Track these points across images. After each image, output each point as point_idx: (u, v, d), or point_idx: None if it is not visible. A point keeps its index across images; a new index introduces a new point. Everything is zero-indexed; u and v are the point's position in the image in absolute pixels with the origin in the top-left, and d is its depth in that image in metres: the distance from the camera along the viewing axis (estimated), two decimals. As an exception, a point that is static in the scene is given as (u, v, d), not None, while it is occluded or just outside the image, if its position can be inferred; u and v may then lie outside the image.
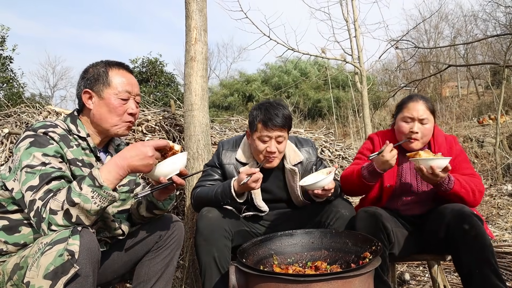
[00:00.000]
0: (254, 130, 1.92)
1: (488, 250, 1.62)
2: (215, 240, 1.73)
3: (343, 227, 1.85)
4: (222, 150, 2.06)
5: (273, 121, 1.85)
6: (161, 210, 1.64)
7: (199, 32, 2.51)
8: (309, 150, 2.11)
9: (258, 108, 1.93)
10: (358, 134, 9.11)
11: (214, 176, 2.03)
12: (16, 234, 1.35)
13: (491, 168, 6.35)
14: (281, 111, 1.89)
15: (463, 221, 1.66)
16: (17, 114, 3.23)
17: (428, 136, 1.96)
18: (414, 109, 1.93)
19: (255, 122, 1.91)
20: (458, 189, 1.79)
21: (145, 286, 1.60)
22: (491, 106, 12.43)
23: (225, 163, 2.02)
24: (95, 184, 1.21)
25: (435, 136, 2.02)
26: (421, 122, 1.92)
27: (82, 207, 1.19)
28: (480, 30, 17.24)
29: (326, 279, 1.26)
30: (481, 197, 1.87)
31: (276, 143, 1.89)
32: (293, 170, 2.00)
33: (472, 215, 1.66)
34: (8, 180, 1.35)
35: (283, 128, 1.89)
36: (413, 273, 2.85)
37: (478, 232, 1.63)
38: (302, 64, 17.77)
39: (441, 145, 2.00)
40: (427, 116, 1.93)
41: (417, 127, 1.92)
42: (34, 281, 1.09)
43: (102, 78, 1.50)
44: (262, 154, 1.91)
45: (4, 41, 9.91)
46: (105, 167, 1.28)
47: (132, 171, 1.31)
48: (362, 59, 5.76)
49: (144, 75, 12.78)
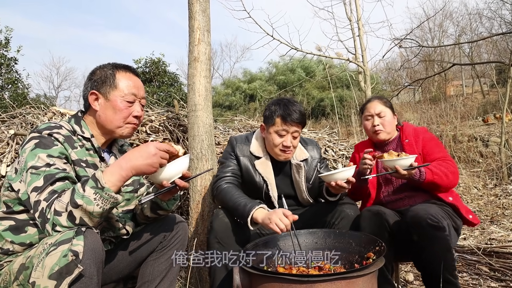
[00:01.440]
0: (272, 124, 2.00)
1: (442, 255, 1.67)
2: (230, 245, 1.76)
3: (348, 227, 1.86)
4: (236, 143, 2.12)
5: (291, 116, 1.95)
6: (165, 210, 1.65)
7: (202, 33, 2.51)
8: (314, 149, 2.21)
9: (277, 104, 2.01)
10: (361, 133, 9.08)
11: (231, 166, 2.07)
12: (22, 234, 1.36)
13: (496, 167, 6.30)
14: (298, 108, 1.99)
15: (417, 228, 1.70)
16: (22, 115, 3.26)
17: (390, 126, 2.21)
18: (371, 107, 2.24)
19: (274, 117, 1.99)
20: (430, 178, 1.94)
21: (149, 286, 1.60)
22: (496, 105, 12.34)
23: (240, 155, 2.08)
24: (98, 185, 1.22)
25: (404, 128, 2.26)
26: (379, 116, 2.20)
27: (85, 209, 1.20)
28: (485, 28, 17.16)
29: (329, 280, 1.26)
30: (456, 179, 2.01)
31: (292, 138, 1.99)
32: (298, 165, 2.08)
33: (428, 223, 1.67)
34: (14, 182, 1.37)
35: (299, 124, 1.99)
36: (417, 273, 2.84)
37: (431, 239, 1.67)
38: (307, 63, 17.74)
39: (408, 134, 2.21)
40: (383, 109, 2.21)
41: (377, 121, 2.20)
42: (40, 281, 1.10)
43: (109, 80, 1.52)
44: (278, 148, 1.99)
45: (8, 43, 9.96)
46: (108, 169, 1.29)
47: (137, 172, 1.31)
48: (365, 58, 5.75)
49: (147, 75, 12.81)
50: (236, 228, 1.82)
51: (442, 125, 9.74)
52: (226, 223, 1.82)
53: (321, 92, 17.23)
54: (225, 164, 2.07)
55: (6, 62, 10.07)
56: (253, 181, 2.05)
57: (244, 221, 1.75)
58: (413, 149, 2.12)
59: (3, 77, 10.22)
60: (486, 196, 5.29)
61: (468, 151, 7.67)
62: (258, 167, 2.05)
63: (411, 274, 2.74)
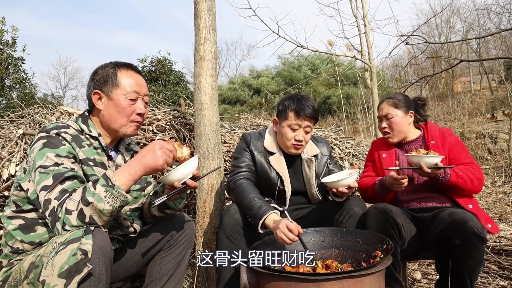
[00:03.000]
0: (285, 118, 2.04)
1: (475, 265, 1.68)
2: (239, 241, 1.79)
3: (355, 225, 1.86)
4: (250, 139, 2.15)
5: (305, 111, 1.99)
6: (172, 209, 1.66)
7: (208, 32, 2.51)
8: (324, 146, 2.25)
9: (290, 99, 2.06)
10: (368, 131, 9.04)
11: (246, 161, 2.08)
12: (32, 233, 1.38)
13: (505, 164, 6.24)
14: (311, 103, 2.04)
15: (459, 233, 1.66)
16: (30, 115, 3.29)
17: (399, 127, 2.16)
18: (380, 110, 2.23)
19: (287, 111, 2.03)
20: (455, 180, 1.90)
21: (157, 284, 1.61)
22: (505, 102, 12.20)
23: (254, 151, 2.10)
24: (108, 183, 1.24)
25: (429, 128, 2.19)
26: (386, 118, 2.19)
27: (96, 207, 1.21)
28: (493, 23, 16.97)
29: (337, 278, 1.26)
30: (480, 185, 1.97)
31: (304, 133, 2.02)
32: (310, 160, 2.12)
33: (473, 231, 1.64)
34: (23, 181, 1.38)
35: (312, 119, 2.03)
36: (424, 271, 2.83)
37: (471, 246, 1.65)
38: (313, 60, 17.67)
39: (434, 135, 2.14)
40: (390, 111, 2.17)
41: (385, 123, 2.20)
42: (49, 279, 1.11)
43: (111, 79, 1.53)
44: (290, 142, 2.03)
45: (15, 42, 10.03)
46: (119, 169, 1.32)
47: (145, 169, 1.33)
48: (372, 56, 5.70)
49: (153, 74, 12.82)
50: (246, 225, 1.83)
51: (449, 122, 9.66)
52: (236, 219, 1.83)
53: (327, 89, 17.17)
54: (240, 159, 2.08)
55: (14, 62, 10.14)
56: (267, 177, 2.06)
57: (255, 223, 1.75)
58: (439, 151, 2.04)
59: (11, 77, 10.30)
60: (495, 193, 5.24)
61: (476, 148, 7.60)
62: (272, 163, 2.07)
63: (419, 273, 2.73)
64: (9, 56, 9.95)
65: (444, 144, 2.09)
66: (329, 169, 2.20)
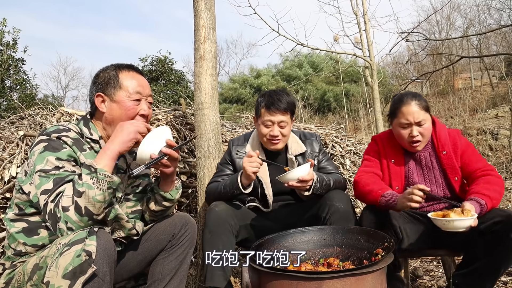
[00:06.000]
0: (259, 115, 2.05)
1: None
2: (220, 233, 1.79)
3: (340, 221, 1.80)
4: (232, 146, 2.17)
5: (275, 104, 1.97)
6: (170, 201, 1.67)
7: (208, 31, 2.51)
8: (313, 143, 2.19)
9: (263, 95, 2.08)
10: (369, 128, 9.03)
11: (226, 171, 2.12)
12: (35, 236, 1.39)
13: (506, 161, 6.23)
14: (284, 97, 2.01)
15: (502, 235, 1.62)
16: (31, 116, 3.29)
17: (429, 134, 1.93)
18: (409, 114, 1.87)
19: (259, 108, 2.05)
20: (491, 206, 1.70)
21: (159, 284, 1.62)
22: (506, 97, 12.19)
23: (235, 158, 2.12)
24: (91, 170, 1.27)
25: (438, 133, 1.96)
26: (418, 125, 1.88)
27: (88, 195, 1.24)
28: (494, 19, 16.91)
29: (338, 276, 1.26)
30: (503, 189, 1.81)
31: (279, 128, 2.01)
32: (291, 159, 2.10)
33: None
34: (24, 184, 1.39)
35: (285, 112, 2.00)
36: (426, 268, 2.83)
37: None
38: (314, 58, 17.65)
39: (445, 143, 1.93)
40: (423, 117, 1.87)
41: (416, 131, 1.87)
42: (54, 281, 1.12)
43: (113, 81, 1.53)
44: (265, 137, 2.03)
45: (15, 44, 10.03)
46: (97, 155, 1.36)
47: (121, 146, 1.37)
48: (372, 53, 5.71)
49: (153, 73, 12.82)
50: (226, 216, 1.83)
51: (450, 118, 9.65)
52: (216, 211, 1.84)
53: (328, 86, 17.17)
54: (219, 170, 2.15)
55: (14, 63, 10.15)
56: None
57: (236, 188, 1.87)
58: (453, 165, 1.89)
59: (12, 78, 10.31)
60: (496, 190, 5.23)
61: (477, 144, 7.59)
62: None
63: (421, 270, 2.74)
64: (9, 57, 9.96)
65: (456, 152, 1.91)
66: (320, 166, 2.14)
